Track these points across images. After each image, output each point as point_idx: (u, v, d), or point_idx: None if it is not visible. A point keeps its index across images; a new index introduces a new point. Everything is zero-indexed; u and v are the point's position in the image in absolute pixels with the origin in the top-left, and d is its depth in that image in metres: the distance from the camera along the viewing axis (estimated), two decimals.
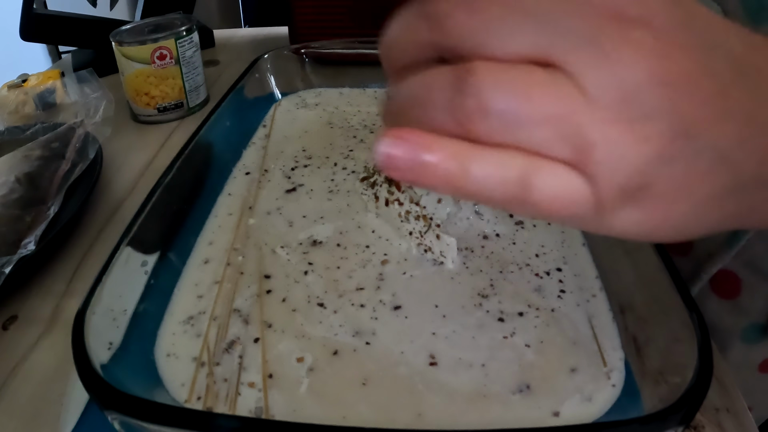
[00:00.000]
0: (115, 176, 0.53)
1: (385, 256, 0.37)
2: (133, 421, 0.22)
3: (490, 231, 0.39)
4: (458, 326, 0.31)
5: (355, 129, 0.53)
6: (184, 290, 0.35)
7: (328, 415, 0.27)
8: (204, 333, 0.32)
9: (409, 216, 0.38)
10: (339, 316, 0.32)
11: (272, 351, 0.30)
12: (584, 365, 0.29)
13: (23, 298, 0.38)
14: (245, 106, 0.54)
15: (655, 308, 0.29)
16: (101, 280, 0.28)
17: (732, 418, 0.30)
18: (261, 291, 0.34)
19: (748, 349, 0.44)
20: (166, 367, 0.30)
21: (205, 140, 0.44)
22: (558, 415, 0.27)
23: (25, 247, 0.38)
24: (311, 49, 0.60)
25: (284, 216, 0.41)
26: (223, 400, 0.28)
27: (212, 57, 0.82)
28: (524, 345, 0.30)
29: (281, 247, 0.38)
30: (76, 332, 0.25)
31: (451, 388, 0.28)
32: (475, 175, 0.17)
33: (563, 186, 0.17)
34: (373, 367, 0.29)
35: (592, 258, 0.37)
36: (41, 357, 0.34)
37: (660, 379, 0.26)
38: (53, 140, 0.49)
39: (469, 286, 0.34)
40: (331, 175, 0.46)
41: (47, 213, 0.42)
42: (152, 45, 0.58)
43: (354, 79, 0.62)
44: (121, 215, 0.47)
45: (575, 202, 0.18)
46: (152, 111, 0.62)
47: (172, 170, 0.38)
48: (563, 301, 0.33)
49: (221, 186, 0.45)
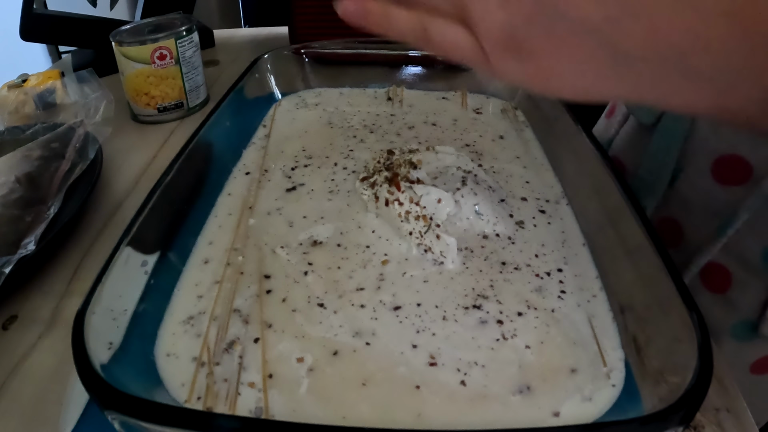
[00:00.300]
0: (115, 176, 0.53)
1: (385, 256, 0.37)
2: (133, 421, 0.22)
3: (490, 231, 0.39)
4: (458, 327, 0.31)
5: (355, 129, 0.53)
6: (184, 290, 0.35)
7: (327, 416, 0.27)
8: (204, 333, 0.32)
9: (409, 216, 0.38)
10: (339, 316, 0.32)
11: (272, 351, 0.30)
12: (584, 365, 0.29)
13: (23, 298, 0.38)
14: (245, 106, 0.54)
15: (655, 308, 0.29)
16: (101, 280, 0.28)
17: (732, 418, 0.30)
18: (261, 291, 0.34)
19: (739, 347, 0.43)
20: (166, 367, 0.30)
21: (205, 140, 0.44)
22: (558, 416, 0.27)
23: (25, 247, 0.38)
24: (311, 49, 0.60)
25: (284, 216, 0.41)
26: (223, 400, 0.28)
27: (212, 57, 0.82)
28: (524, 346, 0.30)
29: (281, 247, 0.38)
30: (76, 332, 0.25)
31: (450, 389, 0.28)
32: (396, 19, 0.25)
33: (452, 35, 0.24)
34: (373, 368, 0.29)
35: (592, 258, 0.37)
36: (41, 357, 0.34)
37: (660, 379, 0.26)
38: (53, 140, 0.49)
39: (469, 286, 0.34)
40: (332, 175, 0.46)
41: (47, 213, 0.42)
42: (152, 45, 0.58)
43: (354, 79, 0.62)
44: (121, 215, 0.47)
45: (463, 48, 0.24)
46: (152, 111, 0.62)
47: (172, 170, 0.38)
48: (564, 302, 0.33)
49: (221, 186, 0.45)
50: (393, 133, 0.53)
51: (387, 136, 0.52)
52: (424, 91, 0.61)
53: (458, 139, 0.52)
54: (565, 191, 0.44)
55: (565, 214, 0.41)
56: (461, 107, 0.58)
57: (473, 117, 0.56)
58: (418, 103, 0.59)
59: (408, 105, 0.58)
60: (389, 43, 0.61)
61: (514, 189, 0.44)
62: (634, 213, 0.33)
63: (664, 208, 0.47)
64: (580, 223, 0.40)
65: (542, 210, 0.42)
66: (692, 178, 0.45)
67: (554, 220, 0.41)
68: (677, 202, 0.46)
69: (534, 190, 0.44)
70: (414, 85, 0.62)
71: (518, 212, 0.41)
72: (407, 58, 0.61)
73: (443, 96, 0.60)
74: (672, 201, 0.46)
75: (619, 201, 0.34)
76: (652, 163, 0.47)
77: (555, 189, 0.44)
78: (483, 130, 0.53)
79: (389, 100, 0.59)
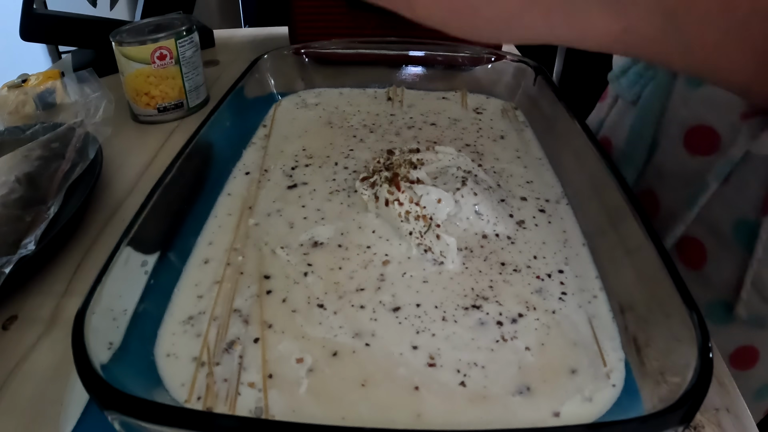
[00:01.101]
0: (115, 176, 0.53)
1: (386, 256, 0.37)
2: (133, 421, 0.22)
3: (490, 231, 0.39)
4: (458, 327, 0.31)
5: (355, 129, 0.53)
6: (184, 290, 0.35)
7: (327, 416, 0.27)
8: (204, 333, 0.32)
9: (409, 216, 0.38)
10: (339, 317, 0.32)
11: (272, 351, 0.30)
12: (584, 366, 0.29)
13: (23, 298, 0.38)
14: (245, 106, 0.54)
15: (655, 308, 0.29)
16: (101, 280, 0.28)
17: (732, 418, 0.30)
18: (261, 291, 0.34)
19: (715, 331, 0.43)
20: (166, 367, 0.30)
21: (205, 140, 0.44)
22: (558, 416, 0.27)
23: (25, 247, 0.38)
24: (311, 49, 0.60)
25: (284, 217, 0.41)
26: (223, 400, 0.28)
27: (212, 57, 0.82)
28: (524, 348, 0.30)
29: (281, 247, 0.38)
30: (76, 332, 0.25)
31: (450, 389, 0.28)
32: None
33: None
34: (372, 368, 0.29)
35: (593, 258, 0.37)
36: (41, 357, 0.34)
37: (660, 379, 0.26)
38: (53, 140, 0.49)
39: (469, 287, 0.34)
40: (332, 175, 0.46)
41: (47, 213, 0.42)
42: (152, 45, 0.58)
43: (354, 79, 0.62)
44: (121, 215, 0.47)
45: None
46: (152, 111, 0.62)
47: (172, 170, 0.38)
48: (565, 303, 0.33)
49: (221, 186, 0.45)
50: (393, 133, 0.53)
51: (387, 136, 0.52)
52: (424, 91, 0.61)
53: (458, 139, 0.52)
54: (565, 191, 0.44)
55: (566, 214, 0.41)
56: (461, 107, 0.58)
57: (473, 117, 0.56)
58: (418, 103, 0.59)
59: (408, 105, 0.58)
60: (389, 43, 0.61)
61: (514, 189, 0.44)
62: (635, 213, 0.33)
63: (643, 180, 0.50)
64: (580, 223, 0.40)
65: (542, 210, 0.42)
66: (667, 150, 0.47)
67: (554, 219, 0.41)
68: (654, 174, 0.49)
69: (534, 189, 0.44)
70: (414, 85, 0.62)
71: (518, 212, 0.41)
72: (407, 58, 0.61)
73: (443, 96, 0.60)
74: (649, 173, 0.49)
75: (619, 201, 0.34)
76: (632, 136, 0.50)
77: (555, 189, 0.44)
78: (483, 130, 0.53)
79: (389, 100, 0.59)
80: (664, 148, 0.48)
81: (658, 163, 0.49)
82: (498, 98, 0.59)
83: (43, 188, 0.45)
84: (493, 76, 0.60)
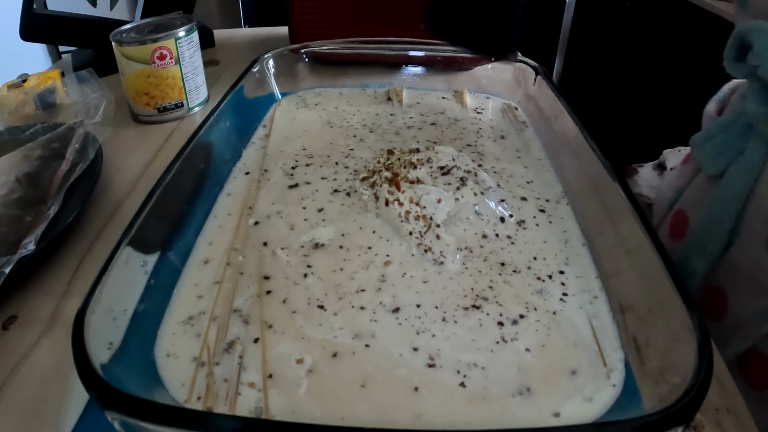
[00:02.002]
0: (115, 176, 0.53)
1: (387, 257, 0.37)
2: (133, 421, 0.22)
3: (490, 231, 0.39)
4: (458, 328, 0.31)
5: (355, 129, 0.53)
6: (184, 290, 0.35)
7: (327, 416, 0.27)
8: (204, 333, 0.32)
9: (409, 216, 0.38)
10: (339, 318, 0.32)
11: (272, 351, 0.30)
12: (585, 366, 0.29)
13: (23, 298, 0.38)
14: (245, 106, 0.54)
15: (655, 308, 0.29)
16: (101, 280, 0.28)
17: (732, 418, 0.29)
18: (261, 291, 0.34)
19: None
20: (166, 367, 0.30)
21: (205, 140, 0.44)
22: (558, 416, 0.27)
23: (25, 247, 0.38)
24: (311, 49, 0.60)
25: (284, 217, 0.41)
26: (223, 400, 0.28)
27: (212, 57, 0.82)
28: (524, 349, 0.30)
29: (282, 248, 0.38)
30: (76, 332, 0.25)
31: (450, 390, 0.28)
32: None
33: None
34: (372, 369, 0.29)
35: (593, 258, 0.37)
36: (41, 357, 0.34)
37: (660, 379, 0.26)
38: (53, 140, 0.49)
39: (469, 287, 0.34)
40: (333, 174, 0.46)
41: (47, 213, 0.42)
42: (152, 45, 0.58)
43: (354, 79, 0.62)
44: (121, 215, 0.47)
45: None
46: (152, 111, 0.62)
47: (172, 170, 0.38)
48: (565, 304, 0.33)
49: (221, 186, 0.45)
50: (393, 132, 0.53)
51: (387, 135, 0.52)
52: (424, 91, 0.61)
53: (458, 139, 0.52)
54: (565, 191, 0.44)
55: (566, 214, 0.41)
56: (461, 107, 0.58)
57: (473, 117, 0.56)
58: (418, 103, 0.59)
59: (408, 105, 0.58)
60: (389, 43, 0.61)
61: (514, 189, 0.44)
62: (634, 213, 0.33)
63: (713, 275, 0.41)
64: (580, 223, 0.40)
65: (542, 210, 0.42)
66: (746, 247, 0.39)
67: (555, 219, 0.41)
68: (727, 271, 0.40)
69: (534, 189, 0.44)
70: (414, 85, 0.62)
71: (518, 212, 0.41)
72: (407, 58, 0.61)
73: (443, 96, 0.60)
74: (722, 268, 0.41)
75: (620, 201, 0.34)
76: (709, 221, 0.41)
77: (555, 189, 0.44)
78: (483, 130, 0.53)
79: (389, 100, 0.59)
80: (743, 243, 0.39)
81: (733, 259, 0.40)
82: (498, 98, 0.59)
83: (43, 188, 0.45)
84: (493, 76, 0.60)
